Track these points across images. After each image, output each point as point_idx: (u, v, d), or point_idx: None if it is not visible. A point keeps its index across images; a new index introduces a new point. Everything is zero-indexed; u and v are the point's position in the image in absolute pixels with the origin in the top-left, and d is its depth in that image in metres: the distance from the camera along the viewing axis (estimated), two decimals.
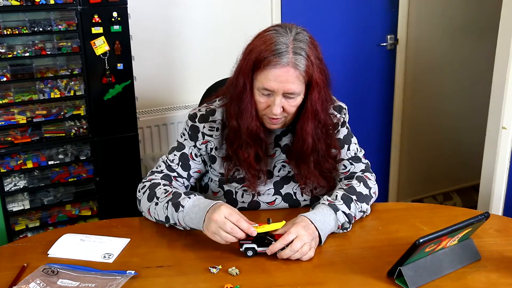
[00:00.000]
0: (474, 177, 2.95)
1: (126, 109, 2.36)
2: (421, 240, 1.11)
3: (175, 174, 1.54)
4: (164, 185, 1.48)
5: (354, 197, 1.46)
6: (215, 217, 1.28)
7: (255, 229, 1.28)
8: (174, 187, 1.50)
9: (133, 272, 1.24)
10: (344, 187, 1.50)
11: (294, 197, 1.57)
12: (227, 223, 1.27)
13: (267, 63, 1.33)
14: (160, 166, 1.55)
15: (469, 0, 3.42)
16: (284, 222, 1.33)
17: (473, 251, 1.29)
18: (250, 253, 1.30)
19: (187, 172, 1.55)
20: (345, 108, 1.59)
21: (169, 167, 1.54)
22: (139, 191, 1.51)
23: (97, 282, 1.21)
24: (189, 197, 1.38)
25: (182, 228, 1.41)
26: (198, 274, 1.25)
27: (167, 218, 1.41)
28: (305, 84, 1.37)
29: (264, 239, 1.31)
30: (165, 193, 1.43)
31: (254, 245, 1.30)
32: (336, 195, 1.45)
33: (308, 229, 1.31)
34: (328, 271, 1.25)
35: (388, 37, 3.29)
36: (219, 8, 2.84)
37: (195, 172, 1.56)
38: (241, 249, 1.31)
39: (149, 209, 1.46)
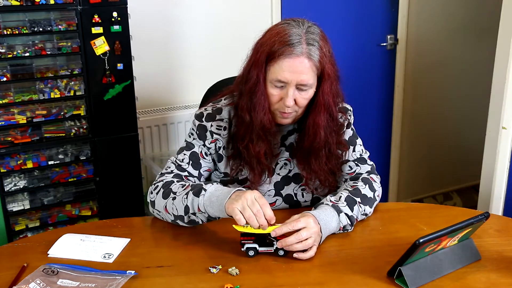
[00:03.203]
0: (474, 177, 2.95)
1: (126, 109, 2.36)
2: (421, 240, 1.11)
3: (185, 173, 1.51)
4: (178, 181, 1.46)
5: (358, 200, 1.46)
6: (246, 195, 1.27)
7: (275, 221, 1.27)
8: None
9: (133, 272, 1.24)
10: (349, 189, 1.49)
11: (294, 198, 1.57)
12: (256, 204, 1.26)
13: (281, 53, 1.33)
14: (169, 167, 1.52)
15: (469, 0, 3.42)
16: None
17: (473, 251, 1.29)
18: (251, 253, 1.30)
19: (197, 171, 1.52)
20: (350, 110, 1.59)
21: (179, 167, 1.51)
22: (151, 193, 1.47)
23: (97, 282, 1.21)
24: (212, 183, 1.38)
25: (200, 221, 1.38)
26: (198, 274, 1.25)
27: (186, 208, 1.37)
28: (317, 77, 1.37)
29: (266, 239, 1.30)
30: (182, 187, 1.41)
31: (256, 245, 1.30)
32: (340, 196, 1.44)
33: (317, 224, 1.32)
34: (328, 271, 1.25)
35: (388, 37, 3.29)
36: (219, 8, 2.84)
37: (205, 171, 1.54)
38: (242, 249, 1.30)
39: (165, 206, 1.42)
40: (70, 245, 1.37)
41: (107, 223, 1.55)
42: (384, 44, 3.30)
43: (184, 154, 1.52)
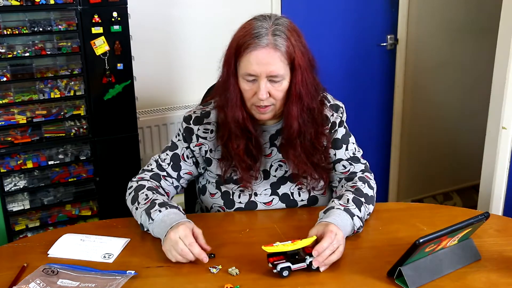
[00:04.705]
0: (474, 177, 2.95)
1: (126, 109, 2.36)
2: (421, 240, 1.11)
3: (164, 173, 1.55)
4: (148, 188, 1.47)
5: (363, 200, 1.45)
6: (170, 235, 1.29)
7: (206, 256, 1.26)
8: (161, 188, 1.52)
9: (133, 272, 1.24)
10: (351, 190, 1.48)
11: (291, 197, 1.57)
12: (179, 243, 1.27)
13: (247, 46, 1.35)
14: (151, 165, 1.57)
15: (469, 0, 3.42)
16: (315, 237, 1.28)
17: (473, 251, 1.29)
18: (286, 273, 1.23)
19: (177, 173, 1.55)
20: (342, 107, 1.59)
21: (159, 166, 1.55)
22: (127, 190, 1.53)
23: (97, 282, 1.21)
24: (160, 211, 1.37)
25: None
26: (198, 274, 1.25)
27: (141, 225, 1.43)
28: (289, 67, 1.37)
29: (297, 255, 1.26)
30: (145, 200, 1.43)
31: (289, 264, 1.23)
32: (348, 199, 1.43)
33: (339, 230, 1.30)
34: (328, 271, 1.25)
35: (388, 37, 3.29)
36: (219, 8, 2.83)
37: (185, 173, 1.56)
38: (275, 271, 1.23)
39: (131, 211, 1.48)
40: (70, 245, 1.37)
41: (107, 223, 1.55)
42: (384, 44, 3.30)
43: (167, 154, 1.56)
